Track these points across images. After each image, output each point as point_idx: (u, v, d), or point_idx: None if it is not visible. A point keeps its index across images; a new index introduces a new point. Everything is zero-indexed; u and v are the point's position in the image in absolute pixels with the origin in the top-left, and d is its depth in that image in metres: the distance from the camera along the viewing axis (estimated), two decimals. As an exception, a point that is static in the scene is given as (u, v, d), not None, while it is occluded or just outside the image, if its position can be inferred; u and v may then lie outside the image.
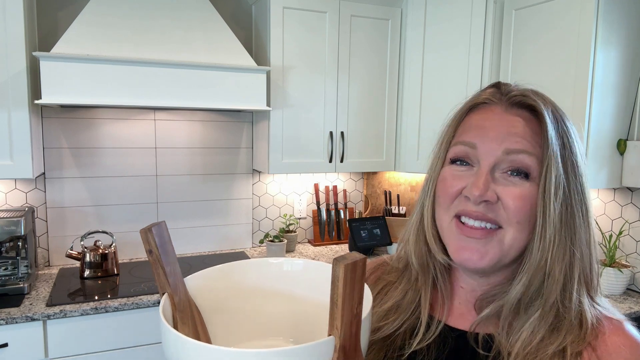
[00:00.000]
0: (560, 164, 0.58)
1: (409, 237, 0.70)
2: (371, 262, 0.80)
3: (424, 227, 0.67)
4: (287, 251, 2.62)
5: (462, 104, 0.66)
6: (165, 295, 0.58)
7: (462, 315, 0.67)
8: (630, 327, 0.60)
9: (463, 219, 0.61)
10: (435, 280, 0.68)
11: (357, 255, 0.48)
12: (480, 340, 0.62)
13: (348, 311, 0.47)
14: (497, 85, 0.65)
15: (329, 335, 0.48)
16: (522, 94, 0.61)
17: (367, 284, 0.76)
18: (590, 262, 0.60)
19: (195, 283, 0.64)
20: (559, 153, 0.58)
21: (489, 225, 0.60)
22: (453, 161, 0.63)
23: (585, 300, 0.59)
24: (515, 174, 0.59)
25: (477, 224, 0.60)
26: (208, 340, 0.62)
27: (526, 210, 0.58)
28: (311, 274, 0.68)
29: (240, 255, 2.57)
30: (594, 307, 0.60)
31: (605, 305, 0.62)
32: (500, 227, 0.60)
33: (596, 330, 0.58)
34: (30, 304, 1.85)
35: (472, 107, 0.65)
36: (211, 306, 0.65)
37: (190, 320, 0.60)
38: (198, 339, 0.59)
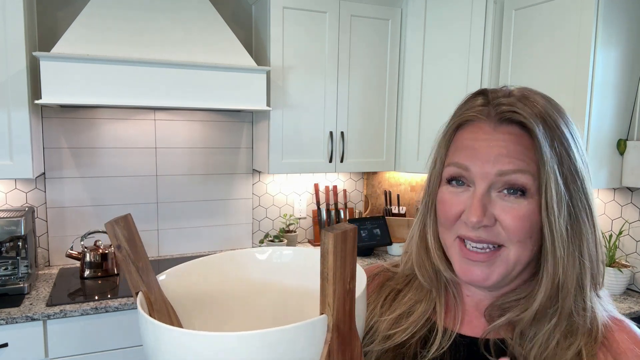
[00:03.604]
0: (559, 178, 0.57)
1: (413, 250, 0.70)
2: (370, 268, 0.79)
3: (427, 244, 0.68)
4: (287, 251, 2.62)
5: (450, 119, 0.65)
6: (140, 294, 0.53)
7: (470, 322, 0.67)
8: (631, 324, 0.62)
9: (465, 241, 0.62)
10: (447, 290, 0.69)
11: (347, 225, 0.45)
12: (492, 346, 0.62)
13: (340, 286, 0.44)
14: (484, 94, 0.63)
15: (321, 314, 0.45)
16: (511, 109, 0.59)
17: (369, 290, 0.75)
18: (598, 264, 0.60)
19: (175, 278, 0.60)
20: (556, 167, 0.57)
21: (491, 246, 0.60)
22: (449, 180, 0.63)
23: (597, 304, 0.60)
24: (511, 191, 0.58)
25: (479, 246, 0.60)
26: None
27: (526, 228, 0.58)
28: (302, 262, 0.65)
29: (240, 255, 2.57)
30: (601, 305, 0.61)
31: (606, 300, 0.63)
32: (502, 246, 0.60)
33: (605, 330, 0.59)
34: (30, 304, 1.85)
35: (461, 123, 0.63)
36: (195, 302, 0.61)
37: (167, 321, 0.55)
38: None
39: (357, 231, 0.45)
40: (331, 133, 2.47)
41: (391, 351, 0.66)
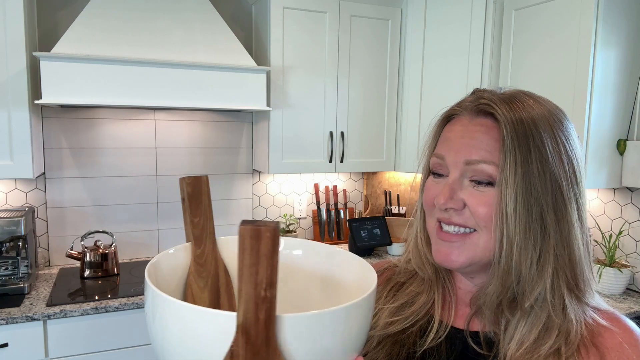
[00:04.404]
0: (520, 170, 0.58)
1: (411, 241, 0.75)
2: (380, 263, 0.84)
3: (417, 234, 0.73)
4: (287, 251, 2.63)
5: (439, 115, 0.70)
6: (186, 244, 0.58)
7: (463, 316, 0.70)
8: (618, 314, 0.62)
9: (442, 224, 0.66)
10: (444, 283, 0.72)
11: (269, 223, 0.40)
12: (482, 339, 0.65)
13: (249, 289, 0.40)
14: (474, 93, 0.67)
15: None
16: (487, 102, 0.62)
17: (378, 284, 0.78)
18: (572, 264, 0.61)
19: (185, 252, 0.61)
20: (519, 160, 0.58)
21: (462, 230, 0.63)
22: (433, 173, 0.68)
23: (569, 302, 0.60)
24: (479, 181, 0.62)
25: (451, 229, 0.64)
26: (230, 302, 0.59)
27: (492, 215, 0.61)
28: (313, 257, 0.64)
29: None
30: (581, 308, 0.61)
31: (598, 302, 0.64)
32: (475, 230, 0.63)
33: (589, 326, 0.60)
34: (31, 304, 1.85)
35: (448, 118, 0.68)
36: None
37: (210, 278, 0.59)
38: (217, 298, 0.59)
39: (277, 233, 0.40)
40: (331, 133, 2.47)
41: (392, 337, 0.70)
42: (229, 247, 0.62)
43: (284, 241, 0.66)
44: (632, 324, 0.61)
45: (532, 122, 0.60)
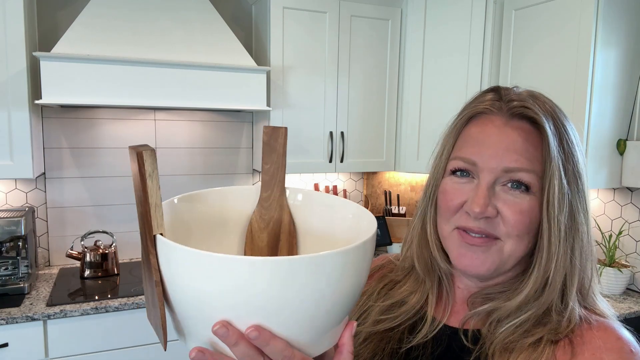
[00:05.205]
0: (563, 177, 0.58)
1: (412, 241, 0.72)
2: (376, 259, 0.83)
3: (426, 235, 0.69)
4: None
5: (461, 112, 0.66)
6: (256, 186, 0.62)
7: (457, 313, 0.69)
8: (614, 323, 0.60)
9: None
10: (440, 282, 0.71)
11: (144, 146, 0.45)
12: (470, 336, 0.64)
13: (138, 203, 0.46)
14: (496, 90, 0.64)
15: None
16: (522, 104, 0.60)
17: (370, 280, 0.79)
18: (586, 266, 0.61)
19: (188, 204, 0.64)
20: (561, 166, 0.58)
21: (485, 235, 0.62)
22: (453, 172, 0.64)
23: (576, 304, 0.60)
24: (515, 186, 0.60)
25: (477, 235, 0.62)
26: (290, 247, 0.61)
27: (526, 223, 0.59)
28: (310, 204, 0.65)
29: (240, 255, 2.57)
30: (582, 309, 0.61)
31: (599, 303, 0.63)
32: (498, 239, 0.61)
33: (579, 326, 0.60)
34: (31, 304, 1.85)
35: (472, 116, 0.64)
36: (204, 227, 0.63)
37: (273, 222, 0.62)
38: (277, 241, 0.61)
39: (141, 155, 0.44)
40: (331, 133, 2.47)
41: (379, 334, 0.70)
42: (298, 199, 0.64)
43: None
44: (621, 332, 0.59)
45: (563, 125, 0.60)
